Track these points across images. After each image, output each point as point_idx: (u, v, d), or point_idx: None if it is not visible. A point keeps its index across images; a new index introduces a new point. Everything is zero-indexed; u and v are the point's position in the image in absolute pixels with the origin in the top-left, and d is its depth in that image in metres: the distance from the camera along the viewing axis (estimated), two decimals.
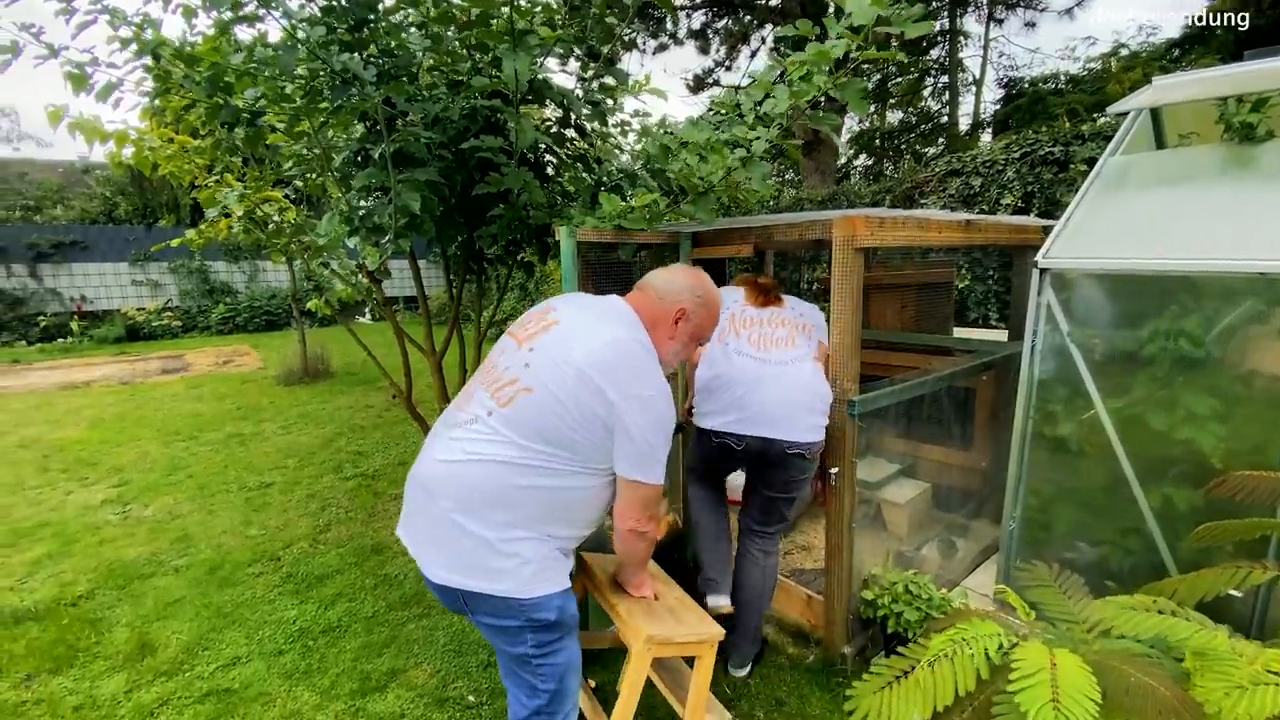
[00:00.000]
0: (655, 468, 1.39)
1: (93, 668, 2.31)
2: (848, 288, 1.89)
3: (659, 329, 1.50)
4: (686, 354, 1.61)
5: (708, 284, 1.58)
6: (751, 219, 2.38)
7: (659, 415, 1.38)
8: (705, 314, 1.56)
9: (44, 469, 4.54)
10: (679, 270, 1.60)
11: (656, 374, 1.41)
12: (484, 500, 1.33)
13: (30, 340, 10.40)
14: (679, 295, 1.52)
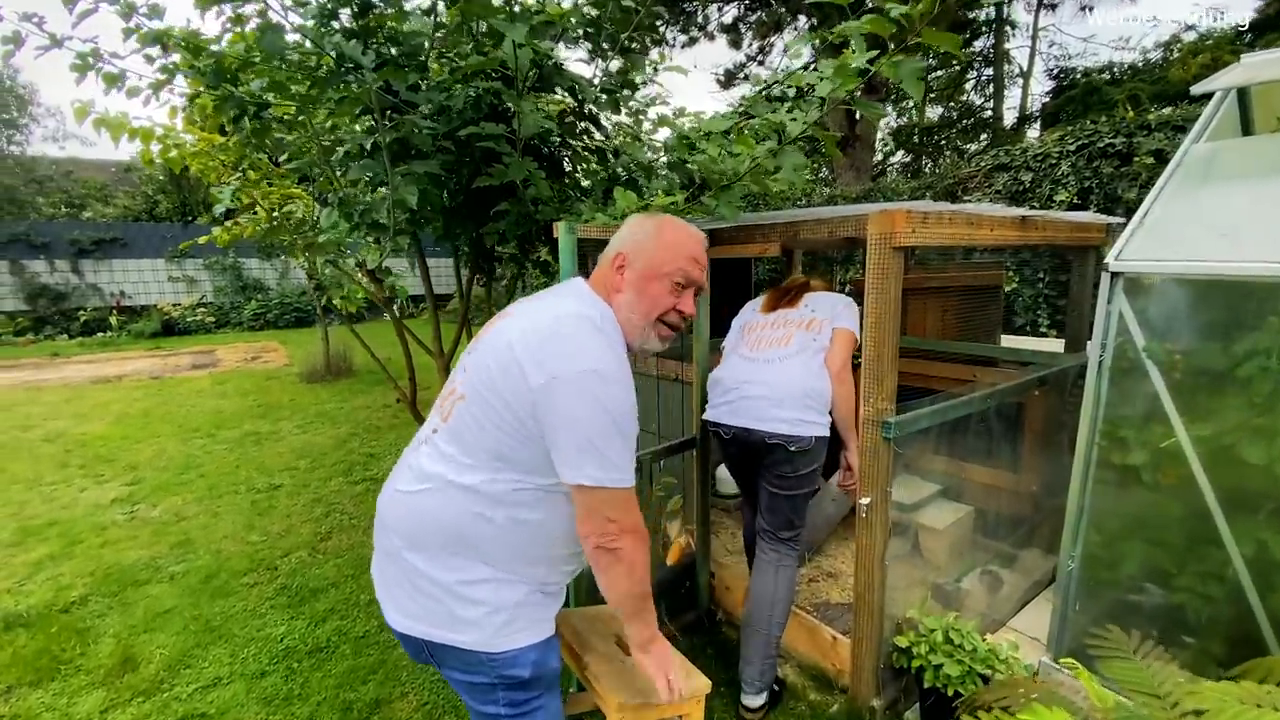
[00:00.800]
0: (606, 464, 1.08)
1: (73, 682, 2.20)
2: (884, 293, 1.65)
3: (608, 293, 1.25)
4: (651, 305, 1.24)
5: (652, 222, 1.29)
6: (776, 214, 2.14)
7: (596, 395, 1.08)
8: (652, 247, 1.24)
9: (63, 464, 4.54)
10: (631, 220, 1.33)
11: (597, 349, 1.12)
12: (438, 536, 1.15)
13: (71, 334, 10.70)
14: (614, 246, 1.27)
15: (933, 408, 1.85)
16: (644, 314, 1.23)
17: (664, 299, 1.24)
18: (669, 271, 1.23)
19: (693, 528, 2.51)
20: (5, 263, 10.43)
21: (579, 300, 1.22)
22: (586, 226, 1.86)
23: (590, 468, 1.08)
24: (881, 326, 1.67)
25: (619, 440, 1.11)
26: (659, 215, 1.31)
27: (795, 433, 1.87)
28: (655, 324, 1.25)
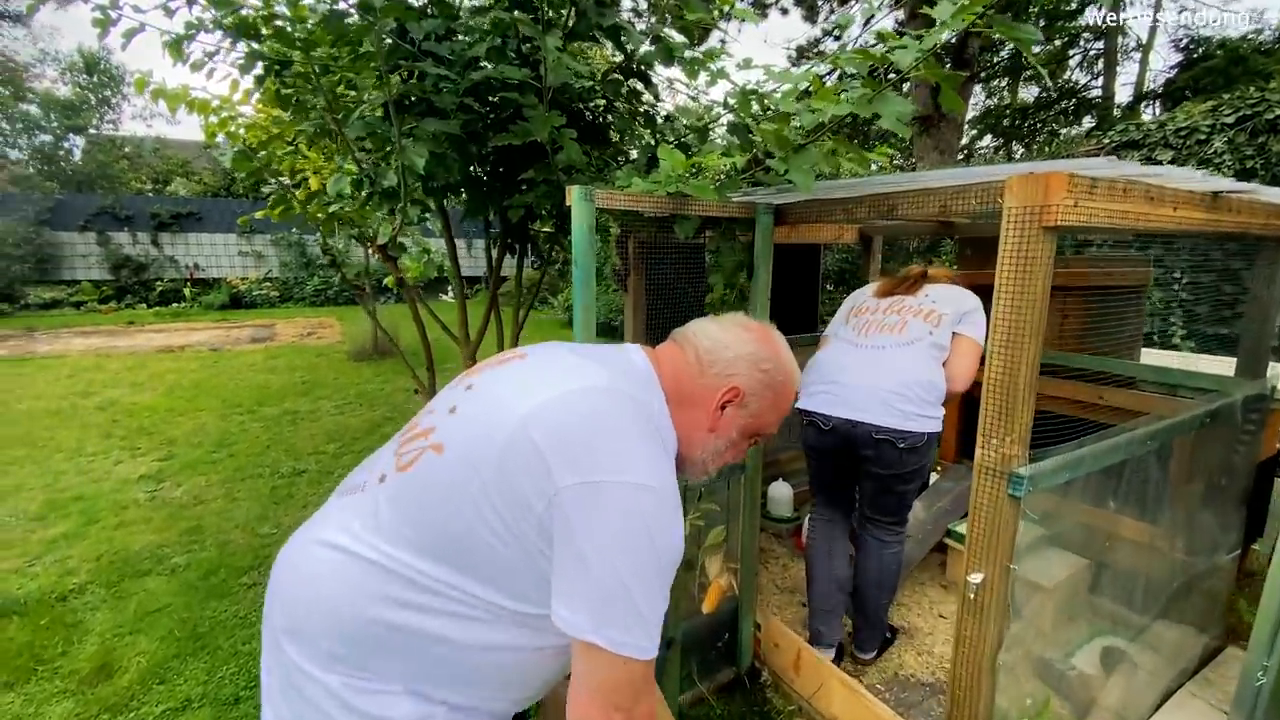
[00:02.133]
0: (636, 623, 0.76)
1: (46, 687, 2.00)
2: (1024, 294, 1.16)
3: (691, 410, 0.96)
4: (735, 456, 1.02)
5: (782, 354, 1.01)
6: (864, 181, 1.67)
7: (647, 522, 0.77)
8: (770, 400, 1.00)
9: (107, 434, 4.54)
10: (740, 326, 1.01)
11: (651, 458, 0.82)
12: (330, 630, 0.80)
13: (149, 303, 11.18)
14: (732, 365, 0.96)
15: (1079, 453, 1.35)
16: (720, 465, 1.02)
17: (742, 455, 1.07)
18: (768, 433, 1.05)
19: (736, 566, 2.09)
20: (93, 234, 10.97)
21: (628, 381, 0.91)
22: (611, 194, 1.44)
23: (615, 624, 0.75)
24: (1017, 342, 1.18)
25: (659, 589, 0.79)
26: (786, 353, 1.02)
27: (907, 427, 1.73)
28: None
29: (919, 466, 1.80)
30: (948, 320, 1.83)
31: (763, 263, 1.82)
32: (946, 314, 1.84)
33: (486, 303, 2.80)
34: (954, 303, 1.86)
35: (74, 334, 8.76)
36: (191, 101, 2.62)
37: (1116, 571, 2.26)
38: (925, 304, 1.89)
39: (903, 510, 1.93)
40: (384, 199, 2.41)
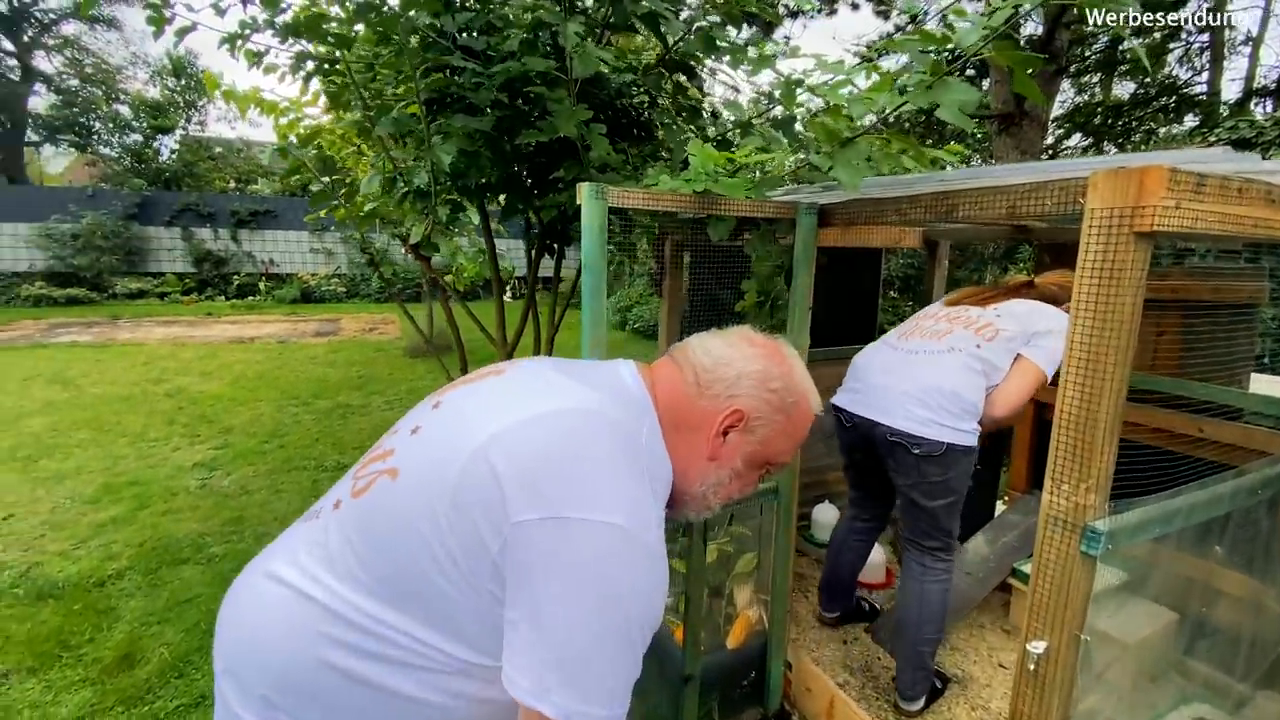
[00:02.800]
0: (592, 692, 0.65)
1: (69, 674, 2.04)
2: (1110, 311, 0.96)
3: (689, 435, 0.84)
4: (741, 488, 0.90)
5: (795, 373, 0.89)
6: (921, 179, 1.48)
7: (613, 571, 0.66)
8: (781, 426, 0.87)
9: (171, 421, 4.75)
10: (745, 341, 0.89)
11: (631, 494, 0.71)
12: (265, 674, 0.72)
13: (227, 296, 11.83)
14: (735, 385, 0.84)
15: (1172, 505, 1.12)
16: (725, 498, 0.90)
17: (750, 487, 0.92)
18: (778, 464, 0.92)
19: (767, 598, 1.91)
20: (178, 229, 11.72)
21: (612, 402, 0.79)
22: (627, 192, 1.31)
23: (563, 691, 0.64)
24: (1098, 369, 0.98)
25: (626, 656, 0.68)
26: (790, 366, 0.89)
27: (921, 433, 1.63)
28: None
29: (942, 480, 1.67)
30: (1006, 338, 1.69)
31: (803, 267, 1.65)
32: (1007, 330, 1.69)
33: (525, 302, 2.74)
34: (1024, 320, 1.70)
35: (155, 323, 9.34)
36: (261, 103, 2.69)
37: (1213, 629, 1.97)
38: (986, 317, 1.75)
39: (938, 534, 1.77)
40: (417, 198, 2.37)
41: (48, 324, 8.93)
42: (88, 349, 7.28)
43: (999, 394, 1.66)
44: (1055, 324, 1.70)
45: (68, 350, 7.18)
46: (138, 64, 16.19)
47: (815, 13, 9.15)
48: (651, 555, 0.70)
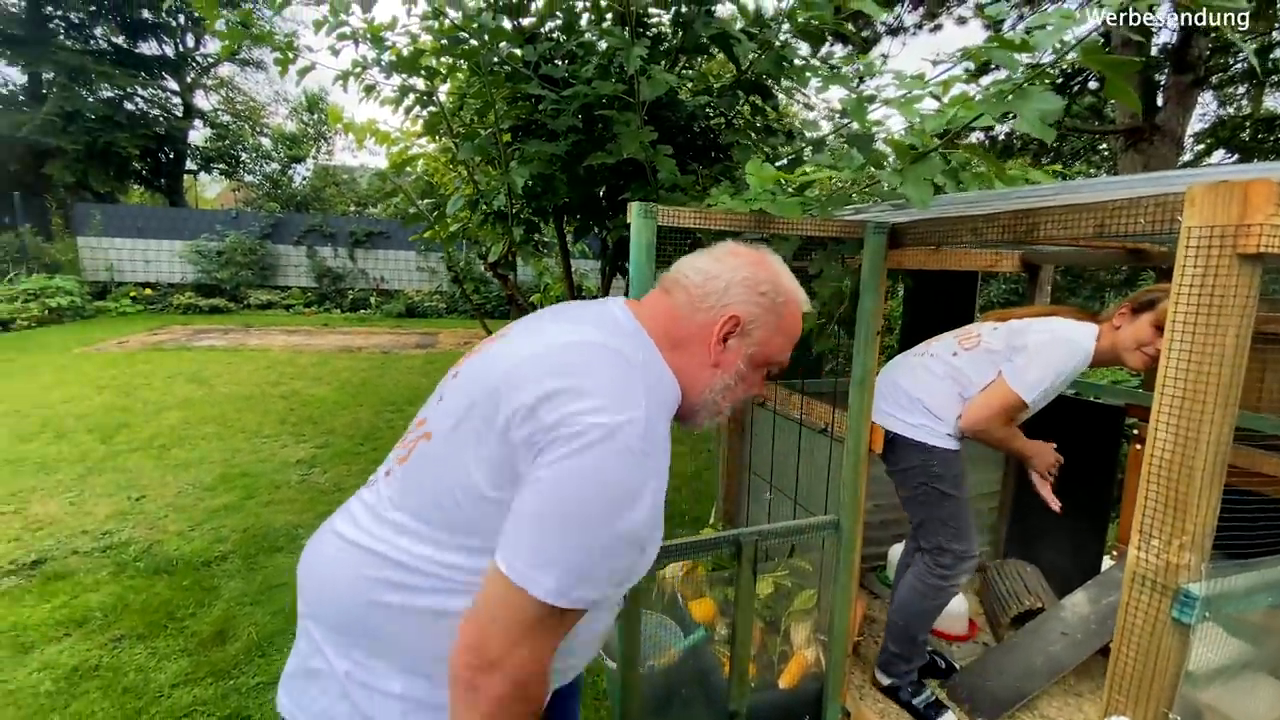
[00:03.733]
0: (543, 560, 0.70)
1: (171, 644, 2.25)
2: (1208, 344, 0.85)
3: (689, 350, 0.90)
4: (747, 389, 0.96)
5: (781, 275, 0.94)
6: (999, 194, 1.38)
7: (600, 461, 0.71)
8: (775, 324, 0.92)
9: (282, 420, 5.20)
10: (729, 253, 0.94)
11: (629, 393, 0.76)
12: (338, 617, 0.82)
13: (342, 309, 12.88)
14: (726, 294, 0.90)
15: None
16: (734, 400, 0.95)
17: (757, 387, 0.98)
18: (778, 360, 0.96)
19: (825, 639, 1.81)
20: (304, 248, 12.93)
21: (618, 334, 0.86)
22: (678, 211, 1.30)
23: (525, 553, 0.71)
24: (1195, 410, 0.86)
25: (600, 542, 0.72)
26: (775, 270, 0.94)
27: (883, 422, 1.79)
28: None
29: (897, 470, 1.82)
30: (987, 349, 1.74)
31: (871, 289, 1.57)
32: (991, 343, 1.74)
33: None
34: (1016, 335, 1.71)
35: (280, 331, 10.31)
36: (375, 133, 2.95)
37: None
38: (984, 329, 1.82)
39: (925, 535, 1.83)
40: (496, 219, 2.49)
41: (193, 329, 10.08)
42: (223, 352, 8.14)
43: (969, 405, 1.71)
44: (1032, 339, 1.66)
45: (206, 353, 8.06)
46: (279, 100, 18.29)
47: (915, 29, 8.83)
48: (646, 456, 0.74)
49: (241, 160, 16.72)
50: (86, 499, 3.44)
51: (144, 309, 11.71)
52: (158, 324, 10.43)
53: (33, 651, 2.17)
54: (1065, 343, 1.63)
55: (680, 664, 1.80)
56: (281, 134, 16.30)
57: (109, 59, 14.10)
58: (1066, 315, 1.72)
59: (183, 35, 15.63)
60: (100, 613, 2.40)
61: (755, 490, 2.52)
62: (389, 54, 2.30)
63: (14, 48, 12.78)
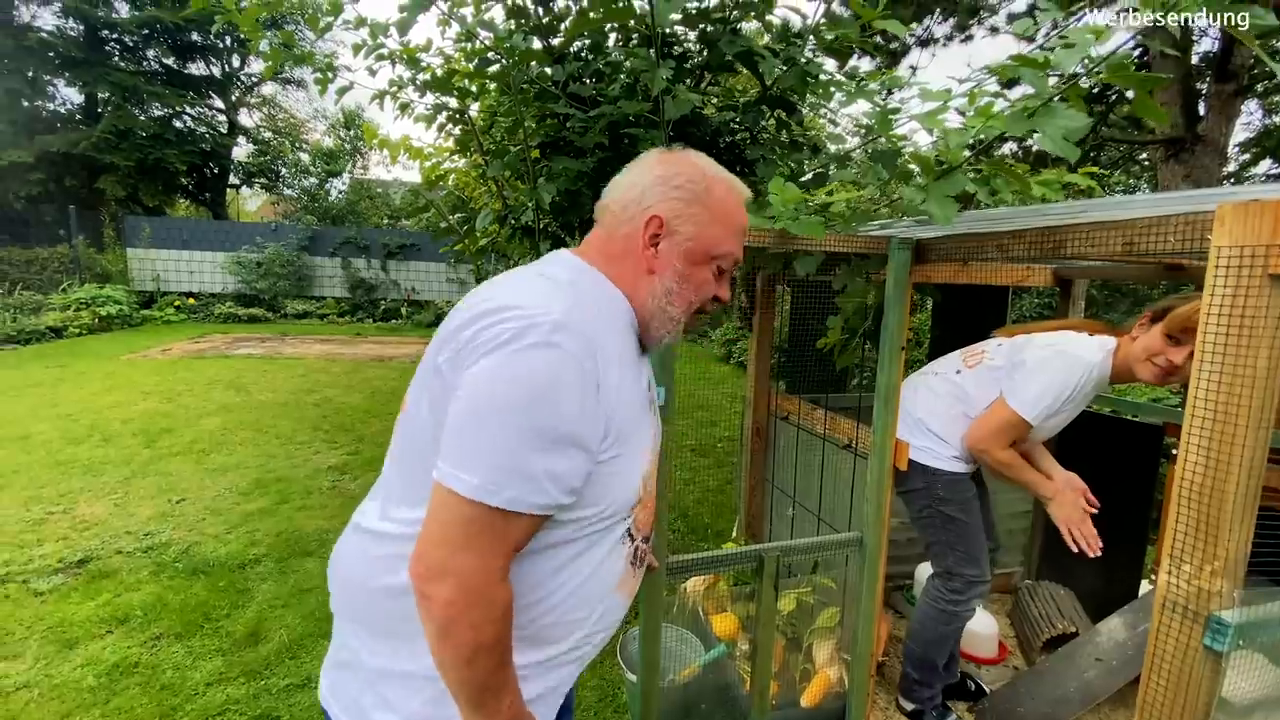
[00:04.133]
0: (468, 457, 0.71)
1: (206, 644, 2.33)
2: (1239, 365, 0.83)
3: (625, 262, 0.89)
4: (699, 289, 0.91)
5: (699, 165, 0.91)
6: (1023, 212, 1.36)
7: (527, 355, 0.72)
8: (704, 215, 0.88)
9: (316, 427, 5.34)
10: (644, 162, 0.92)
11: (564, 302, 0.77)
12: (354, 607, 0.87)
13: (375, 319, 13.18)
14: (643, 199, 0.88)
15: None
16: (687, 305, 0.91)
17: (709, 286, 0.93)
18: (722, 254, 0.91)
19: (849, 658, 1.79)
20: (339, 259, 13.29)
21: (546, 264, 0.90)
22: None
23: (453, 456, 0.72)
24: (1227, 433, 0.84)
25: (516, 433, 0.71)
26: (693, 162, 0.91)
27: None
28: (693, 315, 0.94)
29: (911, 490, 1.78)
30: (990, 366, 1.71)
31: (895, 305, 1.57)
32: (994, 360, 1.71)
33: None
34: (1017, 351, 1.67)
35: (315, 340, 10.59)
36: (409, 149, 3.06)
37: None
38: (989, 346, 1.78)
39: (935, 557, 1.82)
40: (524, 234, 2.54)
41: (232, 338, 10.42)
42: (260, 360, 8.40)
43: (972, 423, 1.67)
44: (1031, 354, 1.61)
45: (244, 360, 8.32)
46: (318, 117, 18.91)
47: (946, 41, 8.75)
48: (551, 345, 0.72)
49: (281, 175, 17.31)
50: (130, 501, 3.58)
51: (187, 318, 12.14)
52: (199, 332, 10.80)
53: (77, 647, 2.27)
54: (1066, 357, 1.57)
55: (700, 678, 1.80)
56: (320, 150, 16.84)
57: (160, 79, 14.78)
58: (1082, 329, 1.66)
59: (229, 56, 16.30)
60: (141, 611, 2.49)
61: (778, 505, 2.51)
62: (424, 74, 2.38)
63: (73, 69, 13.48)
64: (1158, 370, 1.52)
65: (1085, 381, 1.57)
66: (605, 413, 0.78)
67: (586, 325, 0.77)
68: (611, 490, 0.83)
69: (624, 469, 0.83)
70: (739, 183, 0.95)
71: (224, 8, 2.20)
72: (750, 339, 2.32)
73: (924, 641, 1.82)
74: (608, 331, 0.82)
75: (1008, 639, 2.40)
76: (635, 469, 0.86)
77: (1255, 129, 11.05)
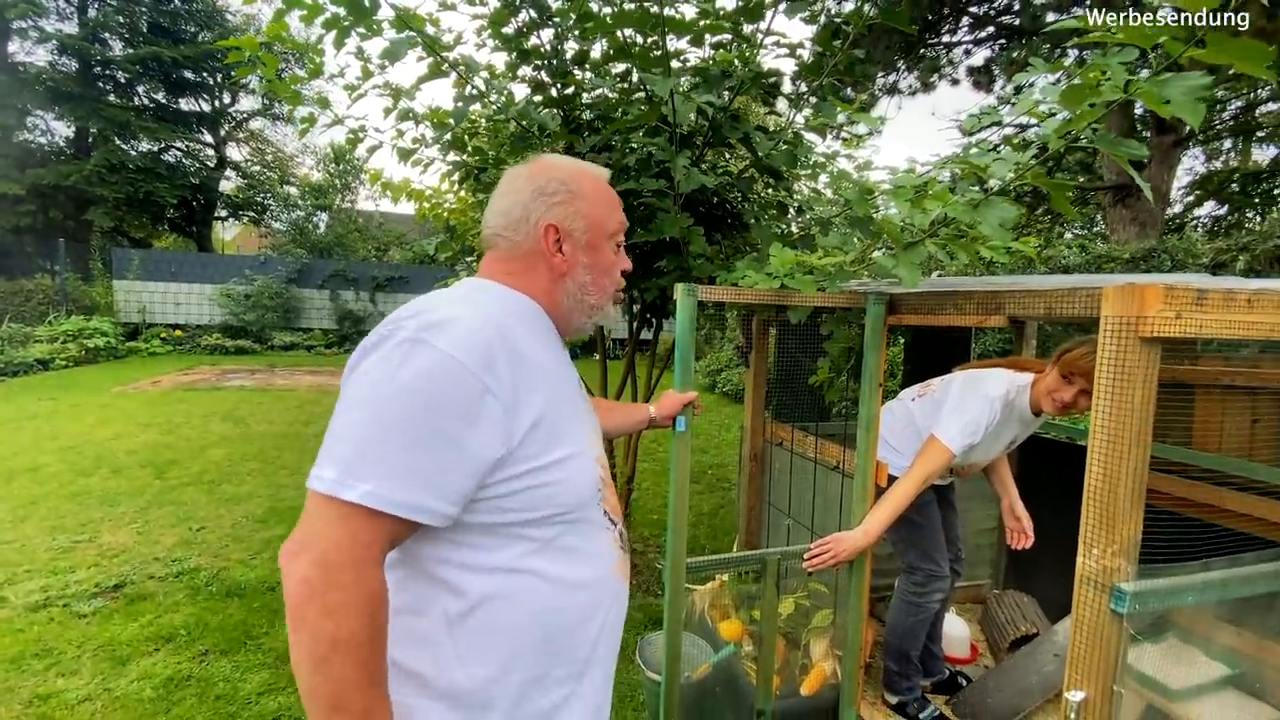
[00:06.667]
0: (326, 455, 0.70)
1: (252, 659, 2.51)
2: (1123, 402, 1.15)
3: (532, 274, 0.94)
4: (609, 270, 0.99)
5: (561, 165, 0.96)
6: (971, 281, 1.70)
7: (379, 357, 0.73)
8: (583, 207, 0.94)
9: None
10: (508, 180, 0.97)
11: (413, 308, 0.79)
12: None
13: None
14: (529, 214, 0.92)
15: (1204, 577, 1.24)
16: (610, 284, 1.00)
17: (615, 263, 1.00)
18: (614, 229, 0.99)
19: (840, 654, 2.06)
20: (327, 291, 13.46)
21: (465, 287, 0.93)
22: (713, 289, 1.64)
23: (321, 459, 0.71)
24: (1117, 452, 1.16)
25: (375, 421, 0.70)
26: (552, 164, 0.97)
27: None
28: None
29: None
30: (934, 399, 2.00)
31: (872, 349, 1.89)
32: (938, 393, 2.00)
33: (624, 365, 3.12)
34: (945, 387, 1.97)
35: (304, 372, 10.69)
36: (410, 191, 3.37)
37: None
38: (938, 381, 2.08)
39: (900, 554, 2.12)
40: None
41: (221, 370, 10.48)
42: (252, 392, 8.50)
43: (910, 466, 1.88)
44: (951, 392, 1.90)
45: (237, 392, 8.41)
46: (306, 152, 19.25)
47: (912, 93, 9.39)
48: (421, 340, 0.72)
49: (269, 207, 17.52)
50: (152, 529, 3.72)
51: (173, 349, 12.15)
52: (186, 364, 10.84)
53: (130, 663, 2.43)
54: (976, 395, 1.85)
55: (712, 675, 2.05)
56: (308, 184, 17.12)
57: (150, 114, 14.98)
58: (1023, 366, 1.96)
59: (220, 92, 16.59)
60: (184, 630, 2.66)
61: (774, 521, 2.79)
62: (449, 134, 2.68)
63: (65, 104, 13.64)
64: (1055, 405, 1.83)
65: (994, 414, 1.84)
66: (519, 410, 0.77)
67: (487, 323, 0.78)
68: (574, 480, 0.84)
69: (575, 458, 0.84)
70: (594, 165, 1.00)
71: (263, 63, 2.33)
72: (747, 374, 2.63)
73: (898, 634, 2.09)
74: (518, 325, 0.85)
75: (979, 641, 2.68)
76: (587, 456, 0.88)
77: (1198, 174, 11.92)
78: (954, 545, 2.21)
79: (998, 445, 1.98)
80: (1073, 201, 7.23)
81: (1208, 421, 2.37)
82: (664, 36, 1.74)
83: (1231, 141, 12.14)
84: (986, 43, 9.67)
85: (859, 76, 2.36)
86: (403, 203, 3.53)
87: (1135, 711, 1.92)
